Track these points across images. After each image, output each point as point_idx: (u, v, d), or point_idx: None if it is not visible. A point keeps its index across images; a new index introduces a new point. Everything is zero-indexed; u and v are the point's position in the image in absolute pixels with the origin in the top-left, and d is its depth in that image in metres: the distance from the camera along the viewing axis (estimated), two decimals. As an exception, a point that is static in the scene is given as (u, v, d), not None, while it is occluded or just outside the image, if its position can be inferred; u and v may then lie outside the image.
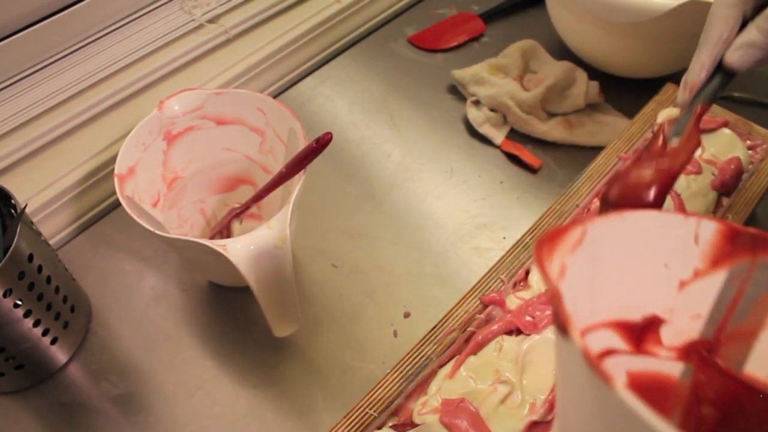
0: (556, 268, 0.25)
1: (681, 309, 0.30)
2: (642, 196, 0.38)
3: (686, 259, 0.28)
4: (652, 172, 0.38)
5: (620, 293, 0.29)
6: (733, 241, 0.28)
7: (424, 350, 0.41)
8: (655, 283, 0.29)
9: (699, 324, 0.30)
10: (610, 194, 0.39)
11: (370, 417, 0.38)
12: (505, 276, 0.44)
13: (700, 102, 0.38)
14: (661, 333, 0.30)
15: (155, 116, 0.46)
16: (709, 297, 0.29)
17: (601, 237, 0.27)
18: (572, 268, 0.26)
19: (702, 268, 0.29)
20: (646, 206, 0.37)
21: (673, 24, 0.52)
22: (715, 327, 0.29)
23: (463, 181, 0.57)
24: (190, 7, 0.64)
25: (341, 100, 0.63)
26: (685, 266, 0.29)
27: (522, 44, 0.63)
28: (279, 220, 0.40)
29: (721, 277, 0.29)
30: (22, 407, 0.44)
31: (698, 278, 0.29)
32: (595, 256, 0.27)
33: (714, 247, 0.28)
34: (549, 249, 0.25)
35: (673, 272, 0.29)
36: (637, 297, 0.29)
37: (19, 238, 0.39)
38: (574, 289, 0.26)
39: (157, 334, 0.48)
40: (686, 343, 0.30)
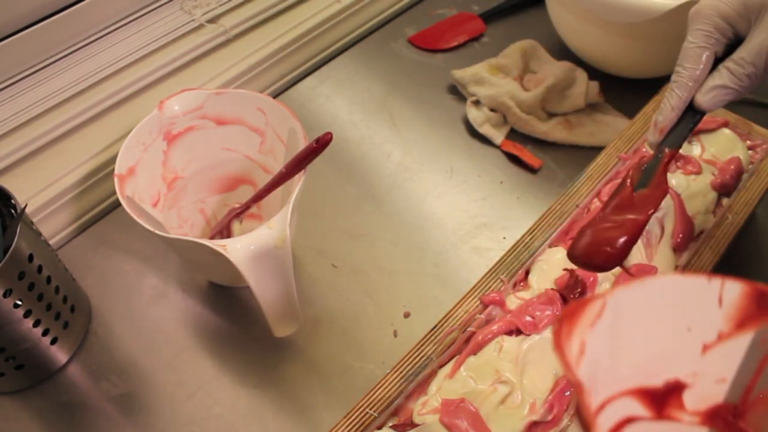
0: (576, 348, 0.25)
1: (705, 373, 0.29)
2: (611, 245, 0.37)
3: (710, 321, 0.28)
4: (621, 221, 0.37)
5: (642, 360, 0.29)
6: (759, 302, 0.27)
7: (424, 350, 0.41)
8: (677, 347, 0.28)
9: (724, 387, 0.29)
10: (577, 249, 0.38)
11: (370, 417, 0.38)
12: (505, 276, 0.44)
13: (669, 145, 0.38)
14: (684, 397, 0.30)
15: (155, 116, 0.46)
16: (735, 360, 0.28)
17: (621, 306, 0.26)
18: (592, 343, 0.26)
19: (726, 330, 0.28)
20: (616, 255, 0.37)
21: (673, 24, 0.52)
22: (741, 390, 0.29)
23: (463, 181, 0.57)
24: (190, 7, 0.64)
25: (341, 100, 0.63)
26: (709, 329, 0.28)
27: (522, 44, 0.63)
28: (279, 220, 0.40)
29: (747, 340, 0.28)
30: (22, 407, 0.44)
31: (722, 341, 0.28)
32: (616, 326, 0.27)
33: (739, 309, 0.27)
34: (568, 329, 0.25)
35: (696, 336, 0.28)
36: (658, 362, 0.29)
37: (19, 238, 0.39)
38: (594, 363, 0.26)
39: (157, 334, 0.48)
40: (710, 408, 0.29)
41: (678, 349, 0.28)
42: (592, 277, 0.43)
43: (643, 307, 0.27)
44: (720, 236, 0.46)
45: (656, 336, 0.28)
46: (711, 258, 0.45)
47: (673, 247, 0.45)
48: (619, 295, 0.26)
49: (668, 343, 0.28)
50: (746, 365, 0.28)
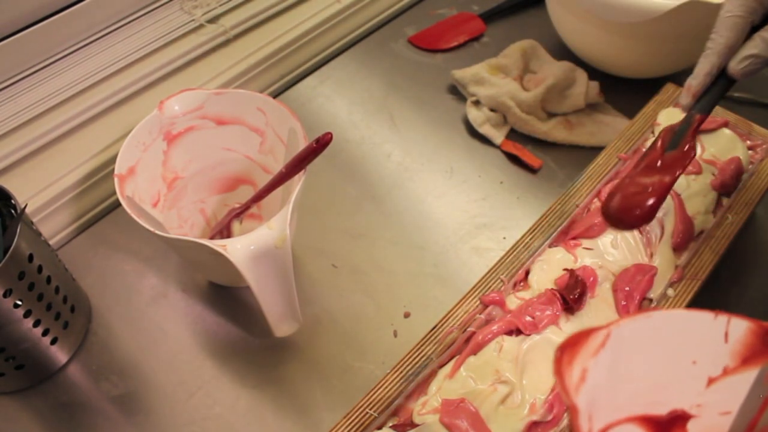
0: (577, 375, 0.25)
1: (709, 405, 0.29)
2: (641, 205, 0.39)
3: (715, 356, 0.28)
4: (650, 181, 0.39)
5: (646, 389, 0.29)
6: (765, 340, 0.28)
7: (424, 350, 0.41)
8: (682, 379, 0.29)
9: (728, 420, 0.29)
10: (611, 205, 0.40)
11: (370, 417, 0.38)
12: (505, 276, 0.44)
13: (699, 110, 0.39)
14: (689, 428, 0.30)
15: (155, 116, 0.46)
16: (739, 394, 0.29)
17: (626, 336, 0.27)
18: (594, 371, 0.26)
19: (732, 365, 0.28)
20: (644, 215, 0.39)
21: (673, 24, 0.52)
22: (745, 424, 0.29)
23: (463, 181, 0.57)
24: (190, 7, 0.64)
25: (341, 100, 0.63)
26: (714, 363, 0.28)
27: (522, 44, 0.63)
28: (279, 220, 0.40)
29: (752, 375, 0.28)
30: (22, 407, 0.44)
31: (728, 375, 0.28)
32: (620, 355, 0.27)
33: (745, 346, 0.28)
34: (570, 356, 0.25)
35: (701, 369, 0.29)
36: (663, 392, 0.29)
37: (19, 238, 0.39)
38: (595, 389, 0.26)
39: (157, 334, 0.48)
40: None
41: (683, 380, 0.29)
42: (593, 277, 0.43)
43: (648, 339, 0.28)
44: (720, 236, 0.46)
45: (661, 367, 0.29)
46: (711, 258, 0.45)
47: (673, 247, 0.45)
48: (625, 326, 0.27)
49: (673, 375, 0.29)
50: (751, 400, 0.29)
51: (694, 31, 0.54)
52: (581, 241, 0.46)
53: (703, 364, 0.28)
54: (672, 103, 0.54)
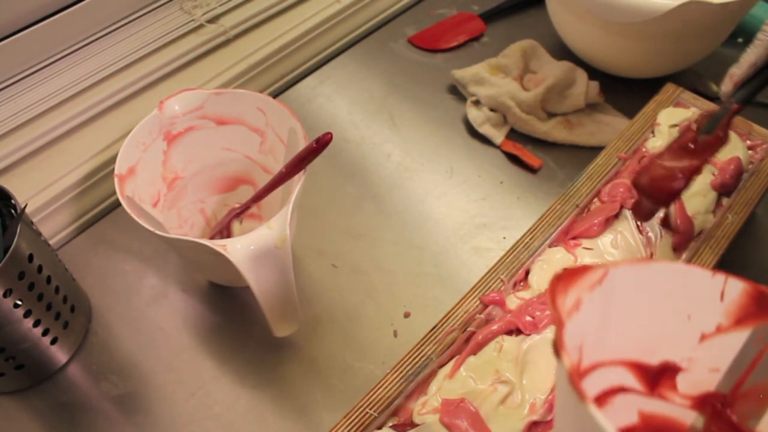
0: (571, 301, 0.26)
1: (700, 360, 0.30)
2: (670, 184, 0.40)
3: (710, 313, 0.29)
4: (680, 163, 0.40)
5: (638, 336, 0.29)
6: (759, 302, 0.28)
7: (424, 350, 0.41)
8: (675, 331, 0.29)
9: (717, 377, 0.30)
10: (642, 180, 0.41)
11: (370, 417, 0.38)
12: (505, 276, 0.44)
13: (738, 99, 0.40)
14: (678, 380, 0.31)
15: (155, 116, 0.46)
16: (730, 353, 0.29)
17: (623, 280, 0.27)
18: (588, 304, 0.26)
19: (725, 324, 0.29)
20: (672, 194, 0.40)
21: (673, 24, 0.52)
22: (732, 382, 0.30)
23: (463, 181, 0.57)
24: (190, 7, 0.64)
25: (341, 100, 0.63)
26: (708, 320, 0.29)
27: (522, 44, 0.63)
28: (279, 220, 0.40)
29: (744, 336, 0.29)
30: (22, 407, 0.44)
31: (720, 333, 0.29)
32: (615, 296, 0.27)
33: (739, 306, 0.28)
34: (566, 284, 0.26)
35: (695, 324, 0.29)
36: (656, 342, 0.30)
37: (19, 238, 0.39)
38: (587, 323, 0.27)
39: (157, 334, 0.48)
40: (702, 394, 0.30)
41: (676, 333, 0.29)
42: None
43: (645, 287, 0.28)
44: (720, 236, 0.46)
45: (656, 316, 0.29)
46: (711, 258, 0.45)
47: (673, 247, 0.45)
48: (623, 270, 0.27)
49: (667, 326, 0.29)
50: (740, 359, 0.29)
51: (694, 31, 0.54)
52: (581, 241, 0.46)
53: (697, 320, 0.29)
54: (672, 103, 0.54)
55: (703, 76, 0.63)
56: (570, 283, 0.26)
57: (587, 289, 0.27)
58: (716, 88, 0.62)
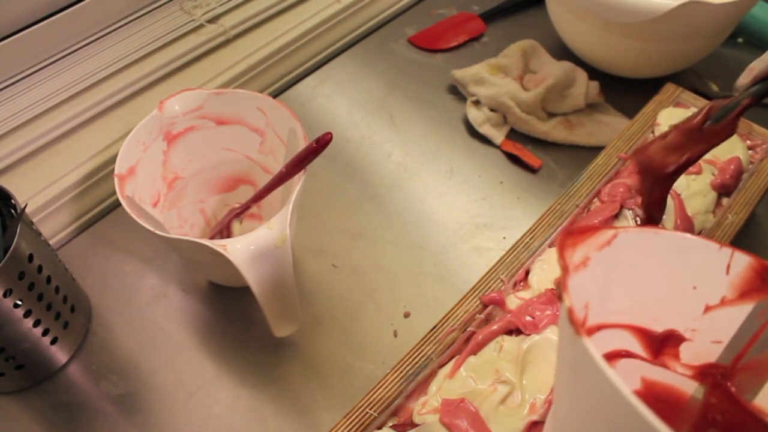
0: (579, 258, 0.26)
1: (703, 331, 0.30)
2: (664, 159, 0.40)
3: (715, 285, 0.29)
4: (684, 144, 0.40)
5: (644, 302, 0.30)
6: (763, 277, 0.28)
7: (424, 350, 0.41)
8: (680, 301, 0.30)
9: (718, 349, 0.30)
10: (637, 157, 0.42)
11: (370, 417, 0.38)
12: (505, 276, 0.44)
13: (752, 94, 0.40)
14: (681, 350, 0.31)
15: (155, 116, 0.46)
16: (733, 325, 0.30)
17: (631, 245, 0.28)
18: (595, 264, 0.27)
19: (729, 297, 0.29)
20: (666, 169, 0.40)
21: (673, 24, 0.52)
22: (733, 355, 0.30)
23: (463, 181, 0.57)
24: (190, 7, 0.64)
25: (341, 100, 0.63)
26: (713, 292, 0.29)
27: (522, 44, 0.63)
28: (279, 220, 0.40)
29: (747, 310, 0.29)
30: (22, 407, 0.44)
31: (724, 306, 0.29)
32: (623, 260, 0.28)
33: (744, 280, 0.29)
34: (575, 240, 0.26)
35: (700, 295, 0.29)
36: (660, 310, 0.30)
37: (19, 238, 0.39)
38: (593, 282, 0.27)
39: (157, 334, 0.48)
40: (703, 365, 0.31)
41: (681, 303, 0.30)
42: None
43: (652, 254, 0.28)
44: (720, 236, 0.46)
45: (662, 284, 0.29)
46: (711, 258, 0.45)
47: (673, 247, 0.45)
48: (633, 235, 0.28)
49: (673, 295, 0.30)
50: (742, 332, 0.30)
51: (694, 31, 0.54)
52: (581, 241, 0.46)
53: (702, 291, 0.29)
54: (672, 103, 0.54)
55: (703, 76, 0.63)
56: (579, 240, 0.26)
57: (596, 248, 0.27)
58: (716, 88, 0.62)
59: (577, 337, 0.22)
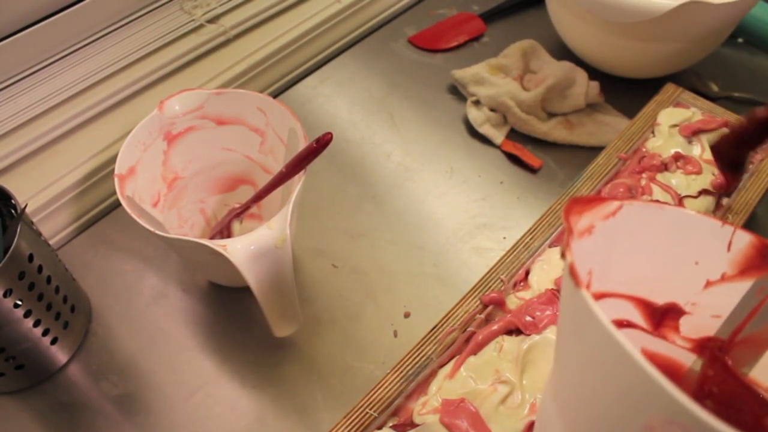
0: (584, 225, 0.27)
1: (703, 306, 0.31)
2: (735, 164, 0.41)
3: (716, 261, 0.30)
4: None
5: (646, 275, 0.31)
6: (763, 255, 0.29)
7: (424, 350, 0.41)
8: (682, 275, 0.31)
9: (717, 323, 0.31)
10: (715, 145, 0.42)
11: (370, 417, 0.38)
12: (505, 276, 0.44)
13: None
14: (681, 323, 0.32)
15: (155, 116, 0.46)
16: (732, 301, 0.30)
17: (636, 217, 0.28)
18: (600, 233, 0.28)
19: (730, 273, 0.30)
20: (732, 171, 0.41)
21: (673, 24, 0.52)
22: (731, 329, 0.31)
23: (463, 181, 0.57)
24: (190, 7, 0.64)
25: (341, 100, 0.63)
26: (714, 268, 0.30)
27: (522, 44, 0.63)
28: (279, 220, 0.40)
29: (746, 286, 0.30)
30: (22, 407, 0.44)
31: (724, 282, 0.30)
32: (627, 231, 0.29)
33: (744, 257, 0.29)
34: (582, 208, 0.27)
35: (701, 271, 0.30)
36: (662, 284, 0.31)
37: (19, 238, 0.39)
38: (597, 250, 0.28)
39: (157, 334, 0.48)
40: (702, 338, 0.32)
41: (683, 277, 0.31)
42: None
43: (656, 228, 0.29)
44: (720, 236, 0.46)
45: (664, 258, 0.30)
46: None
47: (673, 247, 0.45)
48: (637, 208, 0.28)
49: (675, 269, 0.30)
50: (740, 308, 0.30)
51: (694, 31, 0.54)
52: (581, 241, 0.46)
53: (703, 267, 0.30)
54: (672, 103, 0.54)
55: (703, 76, 0.63)
56: (585, 208, 0.27)
57: (601, 218, 0.27)
58: (716, 88, 0.62)
59: (577, 290, 0.22)
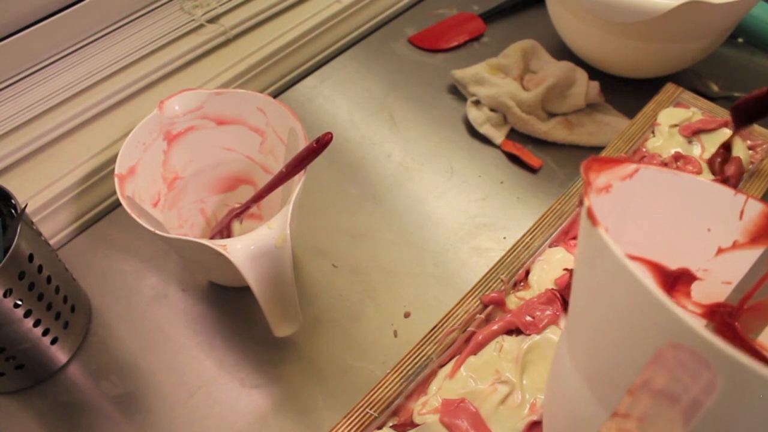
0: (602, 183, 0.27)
1: (714, 272, 0.32)
2: None
3: (728, 229, 0.31)
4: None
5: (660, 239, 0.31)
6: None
7: (425, 350, 0.41)
8: (695, 242, 0.31)
9: (727, 289, 0.32)
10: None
11: (370, 417, 0.38)
12: (505, 276, 0.44)
13: None
14: (692, 288, 0.33)
15: (155, 116, 0.46)
16: (742, 268, 0.31)
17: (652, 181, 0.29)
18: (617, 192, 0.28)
19: (741, 241, 0.31)
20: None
21: (673, 24, 0.52)
22: (740, 295, 0.31)
23: (463, 181, 0.57)
24: (190, 7, 0.64)
25: (341, 100, 0.63)
26: (727, 236, 0.31)
27: (522, 44, 0.63)
28: (279, 220, 0.40)
29: (756, 254, 0.31)
30: (22, 407, 0.44)
31: (736, 249, 0.31)
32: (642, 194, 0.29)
33: (756, 226, 0.30)
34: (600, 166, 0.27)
35: (713, 238, 0.31)
36: (675, 249, 0.32)
37: (19, 238, 0.39)
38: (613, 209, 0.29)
39: (157, 334, 0.48)
40: (712, 304, 0.33)
41: (696, 243, 0.32)
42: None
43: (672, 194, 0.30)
44: (720, 236, 0.46)
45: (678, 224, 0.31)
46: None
47: (673, 247, 0.45)
48: (654, 172, 0.29)
49: (688, 236, 0.31)
50: (751, 275, 0.31)
51: (694, 31, 0.54)
52: (581, 241, 0.46)
53: (716, 234, 0.31)
54: (672, 103, 0.54)
55: (703, 76, 0.63)
56: (604, 167, 0.27)
57: (618, 178, 0.28)
58: (716, 88, 0.62)
59: (594, 228, 0.23)
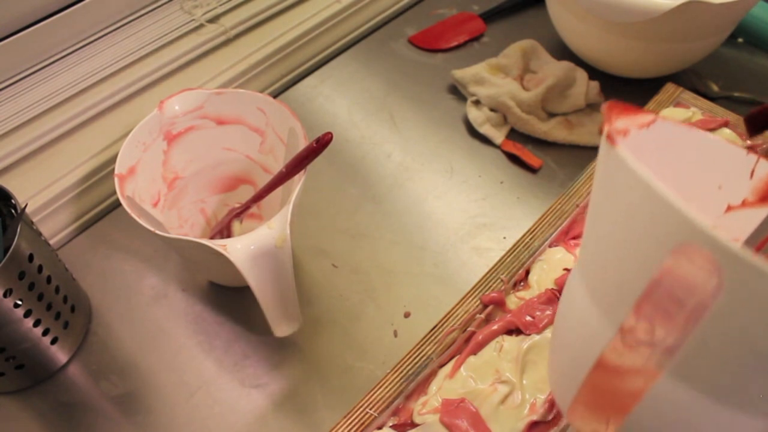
0: (620, 126, 0.28)
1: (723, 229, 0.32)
2: None
3: (738, 187, 0.31)
4: None
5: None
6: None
7: (425, 350, 0.41)
8: (706, 198, 0.32)
9: None
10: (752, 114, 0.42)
11: (370, 417, 0.38)
12: (505, 276, 0.44)
13: None
14: None
15: (155, 116, 0.46)
16: (750, 226, 0.31)
17: (667, 134, 0.29)
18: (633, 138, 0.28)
19: (750, 200, 0.31)
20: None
21: (673, 24, 0.52)
22: None
23: (463, 181, 0.57)
24: (190, 7, 0.64)
25: (341, 100, 0.63)
26: (736, 193, 0.31)
27: (522, 44, 0.63)
28: (279, 220, 0.40)
29: (764, 213, 0.31)
30: (22, 407, 0.44)
31: (745, 207, 0.31)
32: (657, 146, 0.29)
33: (766, 186, 0.31)
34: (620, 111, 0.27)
35: (724, 195, 0.31)
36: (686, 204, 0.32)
37: (19, 238, 0.39)
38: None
39: (157, 334, 0.48)
40: None
41: (706, 200, 0.32)
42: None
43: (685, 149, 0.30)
44: (720, 236, 0.46)
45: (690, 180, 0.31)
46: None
47: (673, 247, 0.45)
48: (669, 125, 0.29)
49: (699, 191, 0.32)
50: (757, 234, 0.31)
51: (694, 31, 0.54)
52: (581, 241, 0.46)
53: (726, 191, 0.31)
54: (672, 103, 0.54)
55: (703, 76, 0.63)
56: (623, 112, 0.27)
57: (636, 126, 0.28)
58: (716, 88, 0.62)
59: (612, 147, 0.23)
